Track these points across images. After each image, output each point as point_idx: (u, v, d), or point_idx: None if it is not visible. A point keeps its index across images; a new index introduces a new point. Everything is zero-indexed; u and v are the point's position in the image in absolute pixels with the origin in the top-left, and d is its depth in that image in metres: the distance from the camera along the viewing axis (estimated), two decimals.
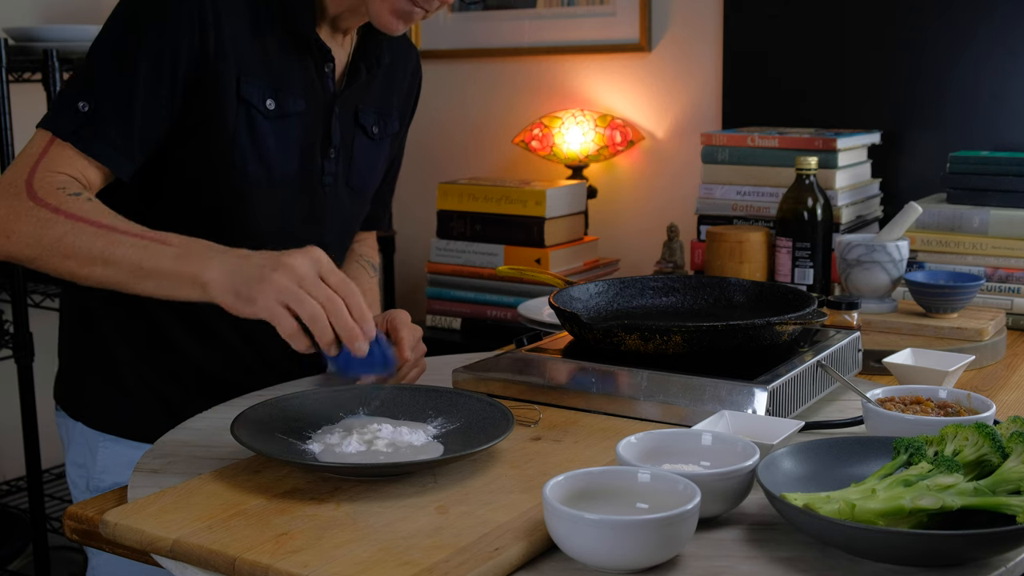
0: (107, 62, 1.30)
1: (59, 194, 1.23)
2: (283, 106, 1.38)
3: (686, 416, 1.23)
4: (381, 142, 1.54)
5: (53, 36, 2.37)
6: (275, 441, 1.13)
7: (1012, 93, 2.19)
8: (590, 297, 1.49)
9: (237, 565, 0.92)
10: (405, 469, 1.09)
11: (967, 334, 1.65)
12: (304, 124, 1.41)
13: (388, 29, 1.38)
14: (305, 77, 1.40)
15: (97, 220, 1.21)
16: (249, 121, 1.35)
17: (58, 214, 1.21)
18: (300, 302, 1.12)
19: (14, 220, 1.23)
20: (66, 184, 1.25)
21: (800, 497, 0.93)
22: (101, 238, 1.20)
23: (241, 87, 1.34)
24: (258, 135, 1.36)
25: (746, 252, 1.95)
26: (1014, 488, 0.94)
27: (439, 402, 1.24)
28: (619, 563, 0.90)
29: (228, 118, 1.34)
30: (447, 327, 2.55)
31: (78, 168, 1.27)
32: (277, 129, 1.38)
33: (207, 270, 1.17)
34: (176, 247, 1.20)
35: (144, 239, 1.20)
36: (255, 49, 1.35)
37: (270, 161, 1.38)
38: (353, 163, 1.49)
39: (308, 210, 1.45)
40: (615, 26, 2.65)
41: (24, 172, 1.25)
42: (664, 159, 2.65)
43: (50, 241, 1.21)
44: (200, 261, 1.18)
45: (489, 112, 2.88)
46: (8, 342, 2.37)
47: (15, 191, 1.24)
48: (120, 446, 1.44)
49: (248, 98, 1.35)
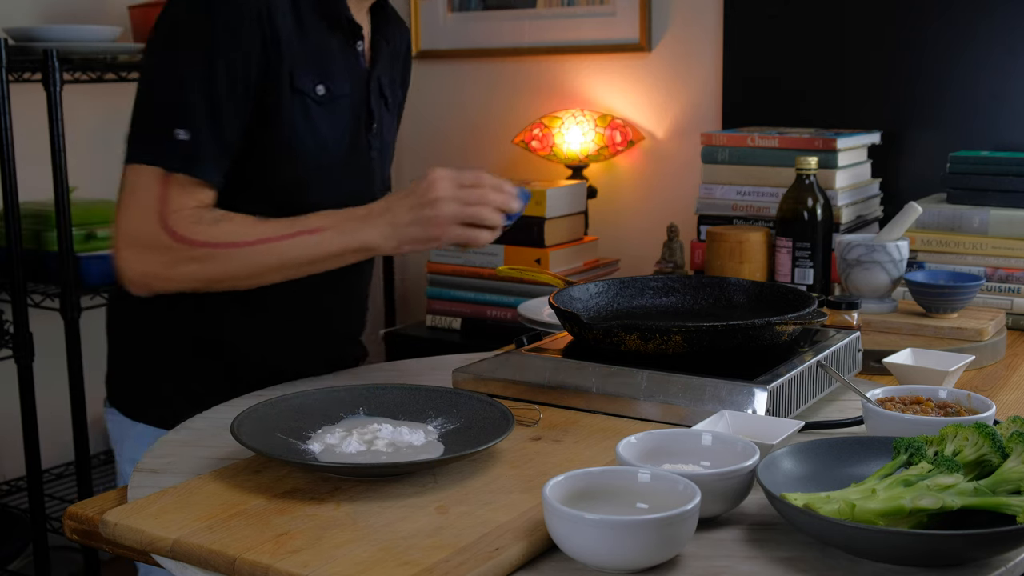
0: (188, 86, 1.33)
1: (200, 227, 1.31)
2: (332, 90, 1.43)
3: (686, 416, 1.23)
4: (393, 113, 1.60)
5: (53, 36, 2.36)
6: (275, 441, 1.13)
7: (1012, 93, 2.19)
8: (590, 297, 1.49)
9: (237, 565, 0.93)
10: (405, 469, 1.09)
11: (967, 334, 1.65)
12: (350, 104, 1.47)
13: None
14: (344, 59, 1.46)
15: (251, 239, 1.31)
16: (304, 109, 1.40)
17: (215, 248, 1.30)
18: (469, 216, 1.30)
19: (171, 266, 1.31)
20: (199, 215, 1.32)
21: (800, 497, 0.93)
22: (263, 253, 1.31)
23: (295, 79, 1.38)
24: (312, 121, 1.41)
25: (746, 252, 1.95)
26: (1014, 488, 0.94)
27: (439, 402, 1.24)
28: (619, 563, 0.90)
29: (285, 110, 1.38)
30: (447, 327, 2.55)
31: (194, 195, 1.33)
32: (328, 113, 1.43)
33: (369, 239, 1.32)
34: (330, 228, 1.31)
35: (299, 236, 1.31)
36: (302, 40, 1.39)
37: (325, 144, 1.43)
38: (383, 136, 1.55)
39: (360, 184, 1.50)
40: (615, 26, 2.65)
41: (154, 218, 1.31)
42: (664, 159, 2.65)
43: (216, 274, 1.32)
44: (359, 231, 1.31)
45: (489, 112, 2.88)
46: (8, 342, 2.37)
47: (156, 240, 1.30)
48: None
49: (301, 87, 1.39)
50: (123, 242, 1.33)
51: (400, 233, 1.31)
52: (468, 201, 1.30)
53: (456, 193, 1.30)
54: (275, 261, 1.31)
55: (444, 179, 1.31)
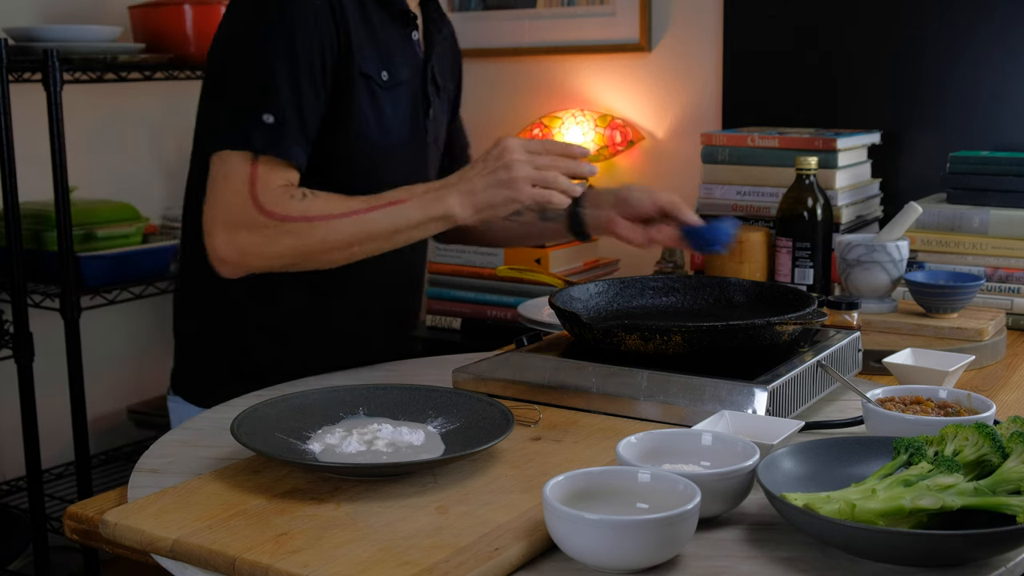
0: (272, 72, 1.39)
1: (292, 203, 1.36)
2: (394, 76, 1.50)
3: (686, 416, 1.23)
4: (446, 100, 1.67)
5: (53, 36, 2.36)
6: (275, 441, 1.13)
7: (1012, 93, 2.19)
8: (590, 297, 1.49)
9: (237, 565, 0.93)
10: (405, 469, 1.09)
11: (967, 334, 1.65)
12: (409, 90, 1.54)
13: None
14: (403, 45, 1.53)
15: (341, 212, 1.36)
16: (370, 94, 1.47)
17: (308, 221, 1.35)
18: (543, 178, 1.35)
19: (270, 245, 1.36)
20: (290, 192, 1.37)
21: (800, 497, 0.93)
22: (353, 224, 1.36)
23: (363, 64, 1.45)
24: (378, 105, 1.48)
25: (746, 252, 1.95)
26: (1014, 488, 0.94)
27: (439, 402, 1.24)
28: (619, 563, 0.90)
29: (355, 94, 1.45)
30: (447, 327, 2.55)
31: (283, 175, 1.39)
32: (391, 98, 1.50)
33: (449, 207, 1.37)
34: (410, 200, 1.37)
35: (384, 207, 1.37)
36: (366, 26, 1.46)
37: (388, 128, 1.50)
38: (438, 121, 1.63)
39: (419, 167, 1.57)
40: (615, 26, 2.65)
41: (247, 199, 1.36)
42: (664, 159, 2.65)
43: (312, 247, 1.36)
44: (439, 201, 1.37)
45: (489, 112, 2.87)
46: (8, 342, 2.37)
47: (251, 219, 1.35)
48: None
49: (367, 72, 1.46)
50: (218, 226, 1.37)
51: (477, 200, 1.36)
52: (539, 165, 1.35)
53: (527, 157, 1.35)
54: (365, 232, 1.36)
55: (514, 144, 1.36)
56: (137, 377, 2.93)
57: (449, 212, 1.37)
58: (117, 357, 2.89)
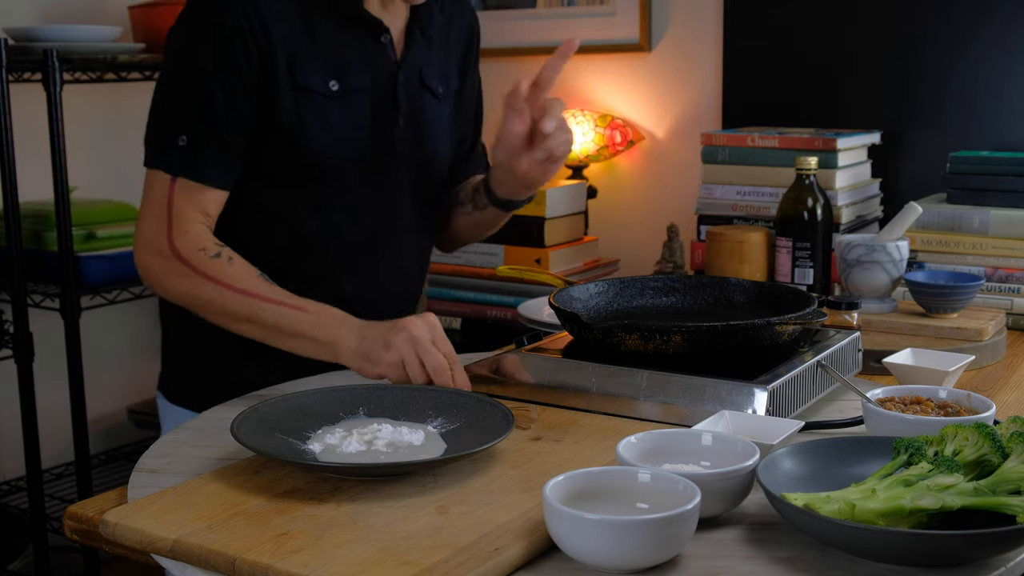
0: (185, 93, 1.42)
1: (202, 256, 1.39)
2: (347, 84, 1.47)
3: (686, 416, 1.23)
4: (445, 101, 1.61)
5: (53, 36, 2.36)
6: (275, 441, 1.13)
7: (1012, 93, 2.19)
8: (590, 297, 1.49)
9: (237, 565, 0.93)
10: (405, 469, 1.09)
11: (967, 334, 1.65)
12: (370, 98, 1.50)
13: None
14: (365, 51, 1.49)
15: (241, 287, 1.38)
16: (313, 106, 1.44)
17: (206, 279, 1.38)
18: (412, 366, 1.29)
19: (167, 278, 1.41)
20: (204, 243, 1.40)
21: (800, 497, 0.93)
22: (246, 304, 1.37)
23: (296, 76, 1.43)
24: (324, 117, 1.45)
25: (746, 252, 1.95)
26: (1014, 488, 0.94)
27: (439, 402, 1.24)
28: (619, 563, 0.90)
29: (290, 107, 1.43)
30: (447, 327, 2.55)
31: (200, 207, 1.42)
32: (343, 108, 1.47)
33: (340, 339, 1.34)
34: (313, 314, 1.36)
35: (284, 306, 1.37)
36: (310, 38, 1.44)
37: (341, 140, 1.47)
38: (423, 126, 1.56)
39: (384, 178, 1.53)
40: (615, 26, 2.65)
41: (163, 228, 1.41)
42: (664, 159, 2.65)
43: (202, 302, 1.40)
44: (333, 330, 1.35)
45: (489, 112, 2.87)
46: (8, 342, 2.37)
47: (160, 249, 1.41)
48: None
49: (306, 85, 1.44)
50: (138, 239, 1.44)
51: (364, 349, 1.32)
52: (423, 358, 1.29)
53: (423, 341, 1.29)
54: (253, 317, 1.37)
55: (428, 326, 1.31)
56: (137, 377, 2.93)
57: (335, 346, 1.34)
58: (117, 357, 2.90)
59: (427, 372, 1.29)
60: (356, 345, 1.33)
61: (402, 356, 1.29)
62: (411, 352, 1.29)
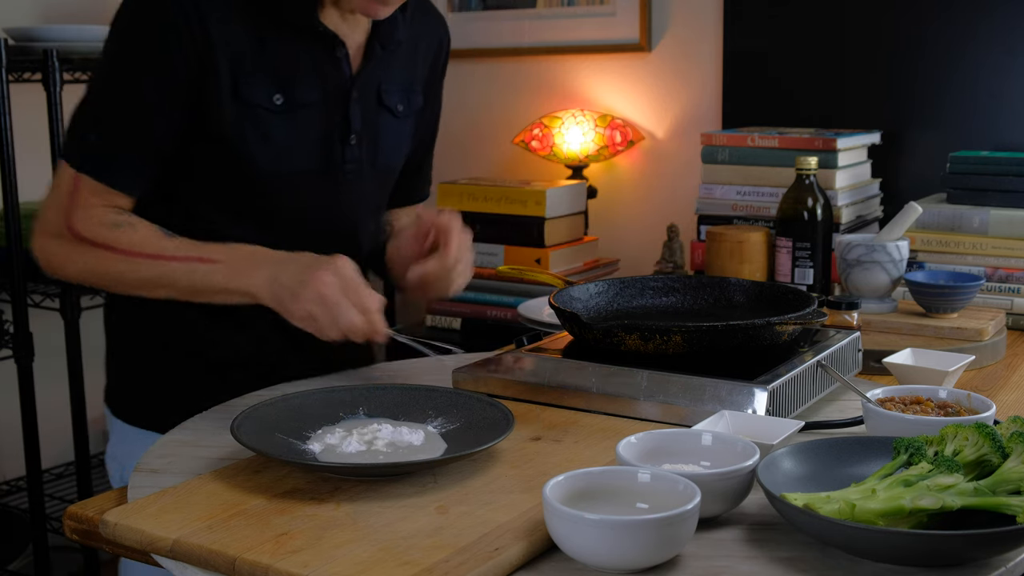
0: (107, 89, 1.35)
1: (102, 230, 1.33)
2: (293, 99, 1.38)
3: (686, 416, 1.23)
4: (405, 120, 1.54)
5: (53, 36, 2.36)
6: (275, 441, 1.13)
7: (1012, 93, 2.19)
8: (590, 297, 1.49)
9: (237, 565, 0.93)
10: (405, 469, 1.09)
11: (967, 334, 1.65)
12: (320, 114, 1.41)
13: (370, 14, 1.38)
14: (316, 65, 1.40)
15: (147, 251, 1.32)
16: (256, 120, 1.36)
17: (110, 251, 1.32)
18: (324, 325, 1.25)
19: (68, 261, 1.35)
20: (105, 217, 1.34)
21: (800, 497, 0.93)
22: (155, 268, 1.32)
23: (239, 87, 1.35)
24: (267, 132, 1.37)
25: (746, 252, 1.95)
26: (1014, 488, 0.94)
27: (439, 402, 1.24)
28: (619, 563, 0.90)
29: (230, 119, 1.35)
30: (447, 327, 2.55)
31: (104, 197, 1.35)
32: (289, 123, 1.39)
33: (251, 285, 1.29)
34: (223, 263, 1.30)
35: (194, 261, 1.31)
36: (255, 49, 1.35)
37: (284, 157, 1.39)
38: (379, 145, 1.49)
39: (332, 199, 1.46)
40: (615, 26, 2.65)
41: (62, 212, 1.34)
42: (664, 159, 2.65)
43: (111, 278, 1.34)
44: (244, 276, 1.30)
45: (489, 112, 2.88)
46: (8, 342, 2.37)
47: (59, 232, 1.34)
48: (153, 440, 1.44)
49: (248, 98, 1.35)
50: (37, 228, 1.38)
51: (276, 292, 1.28)
52: (332, 309, 1.25)
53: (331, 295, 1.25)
54: (165, 279, 1.32)
55: (339, 275, 1.26)
56: None
57: (251, 291, 1.30)
58: None
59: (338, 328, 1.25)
60: (268, 290, 1.28)
61: (309, 314, 1.25)
62: (322, 310, 1.25)
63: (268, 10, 1.36)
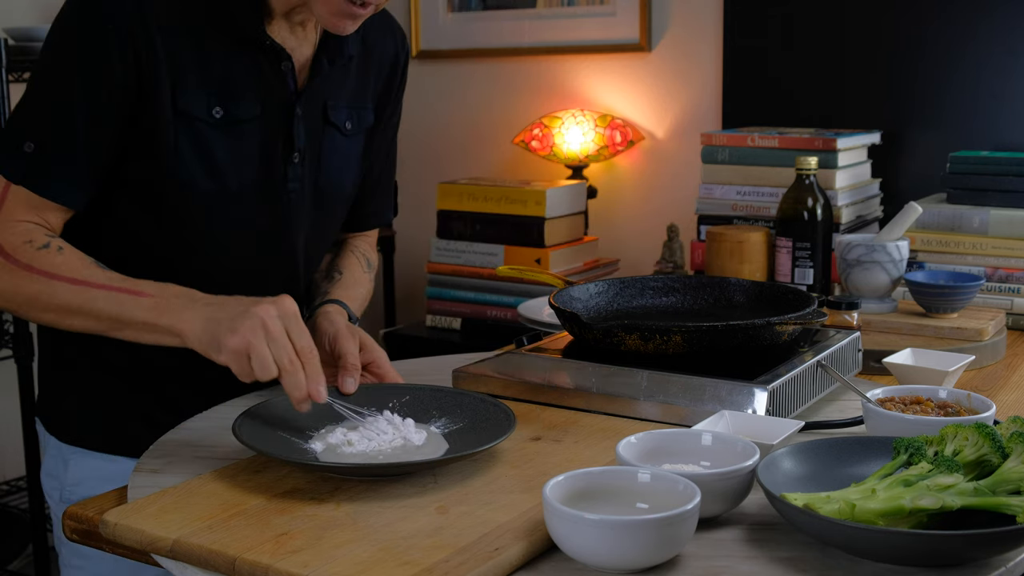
0: (45, 97, 1.27)
1: (27, 249, 1.24)
2: (233, 113, 1.31)
3: (686, 416, 1.23)
4: (355, 137, 1.45)
5: None
6: (277, 440, 1.13)
7: (1012, 93, 2.19)
8: (590, 297, 1.49)
9: (237, 565, 0.93)
10: (405, 469, 1.09)
11: (967, 334, 1.65)
12: (261, 129, 1.34)
13: (337, 30, 1.29)
14: (259, 79, 1.32)
15: (70, 276, 1.23)
16: (193, 133, 1.29)
17: (30, 272, 1.23)
18: (261, 358, 1.14)
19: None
20: (32, 235, 1.25)
21: (800, 497, 0.93)
22: (77, 294, 1.22)
23: (178, 99, 1.28)
24: (205, 147, 1.30)
25: (746, 252, 1.95)
26: (1014, 488, 0.94)
27: (443, 402, 1.24)
28: (619, 563, 0.90)
29: (168, 134, 1.28)
30: (447, 327, 2.55)
31: (36, 211, 1.27)
32: (228, 138, 1.31)
33: (181, 322, 1.19)
34: (151, 297, 1.21)
35: (119, 292, 1.22)
36: (196, 59, 1.29)
37: (222, 173, 1.32)
38: (322, 163, 1.41)
39: (272, 218, 1.38)
40: (615, 26, 2.65)
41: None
42: (664, 159, 2.65)
43: (25, 298, 1.24)
44: (175, 313, 1.20)
45: (489, 112, 2.88)
46: (8, 342, 2.37)
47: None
48: (91, 459, 1.41)
49: (187, 110, 1.28)
50: None
51: (209, 332, 1.16)
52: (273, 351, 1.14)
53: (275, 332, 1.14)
54: (85, 307, 1.22)
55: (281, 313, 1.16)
56: None
57: (176, 328, 1.19)
58: None
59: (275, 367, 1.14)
60: (200, 327, 1.17)
61: (248, 345, 1.13)
62: (260, 342, 1.14)
63: (213, 20, 1.30)
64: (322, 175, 1.42)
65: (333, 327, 1.34)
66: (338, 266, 1.54)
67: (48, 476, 1.46)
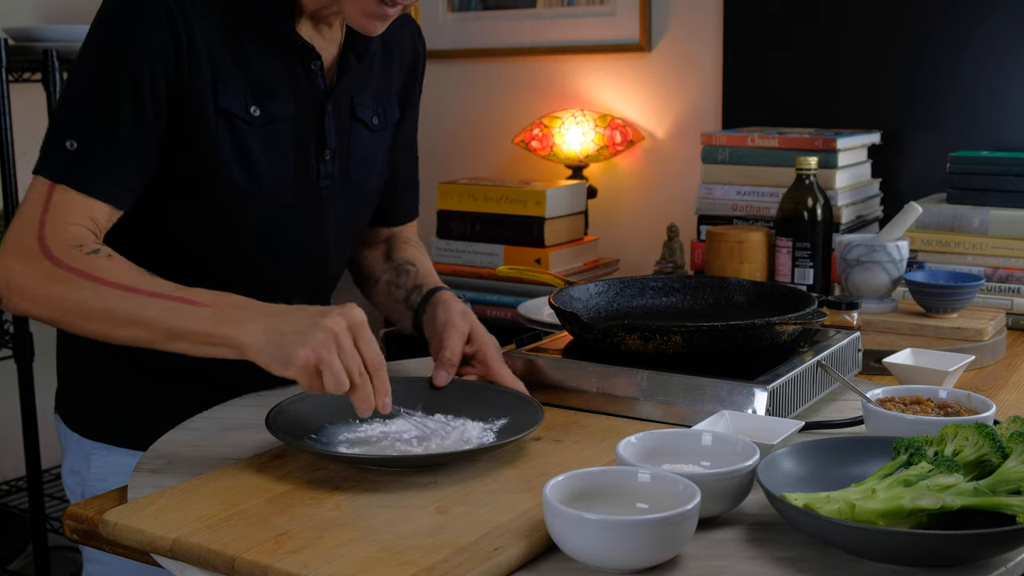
0: (87, 94, 1.26)
1: (77, 253, 1.19)
2: (269, 111, 1.33)
3: (686, 416, 1.23)
4: (382, 132, 1.48)
5: (53, 36, 2.36)
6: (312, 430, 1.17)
7: (1012, 93, 2.19)
8: (590, 297, 1.49)
9: (237, 565, 0.93)
10: (403, 464, 1.10)
11: (967, 334, 1.65)
12: (295, 127, 1.36)
13: (366, 30, 1.30)
14: (292, 78, 1.34)
15: (121, 282, 1.17)
16: (232, 131, 1.30)
17: (81, 276, 1.18)
18: (335, 373, 1.09)
19: (34, 284, 1.19)
20: (82, 240, 1.21)
21: (800, 497, 0.93)
22: (128, 301, 1.16)
23: (219, 97, 1.29)
24: (243, 144, 1.31)
25: (746, 252, 1.95)
26: (1014, 488, 0.94)
27: (505, 401, 1.25)
28: (619, 563, 0.90)
29: (209, 130, 1.29)
30: None
31: (84, 212, 1.24)
32: (265, 136, 1.33)
33: (242, 333, 1.12)
34: (209, 307, 1.15)
35: (173, 300, 1.16)
36: (233, 56, 1.30)
37: (259, 170, 1.33)
38: (352, 159, 1.43)
39: (307, 215, 1.39)
40: (615, 26, 2.65)
41: (34, 228, 1.21)
42: (664, 159, 2.65)
43: (73, 305, 1.18)
44: (235, 323, 1.13)
45: (489, 112, 2.88)
46: (8, 342, 2.37)
47: (28, 250, 1.20)
48: (115, 454, 1.41)
49: (228, 107, 1.30)
50: (2, 250, 1.23)
51: (273, 345, 1.11)
52: (345, 362, 1.10)
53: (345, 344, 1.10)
54: (134, 315, 1.16)
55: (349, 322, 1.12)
56: None
57: (237, 340, 1.12)
58: None
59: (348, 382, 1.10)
60: (264, 339, 1.11)
61: (320, 359, 1.09)
62: (332, 356, 1.09)
63: (247, 19, 1.31)
64: (351, 171, 1.43)
65: (446, 315, 1.38)
66: (406, 259, 1.55)
67: (70, 472, 1.46)
